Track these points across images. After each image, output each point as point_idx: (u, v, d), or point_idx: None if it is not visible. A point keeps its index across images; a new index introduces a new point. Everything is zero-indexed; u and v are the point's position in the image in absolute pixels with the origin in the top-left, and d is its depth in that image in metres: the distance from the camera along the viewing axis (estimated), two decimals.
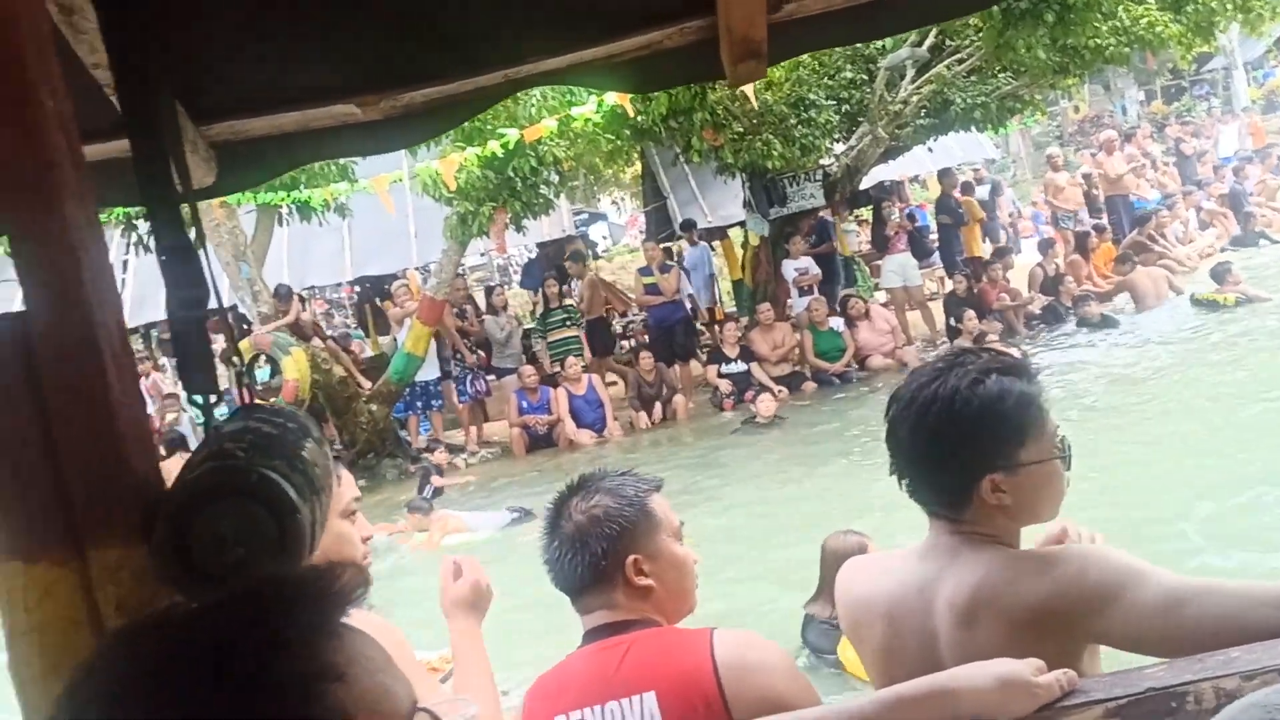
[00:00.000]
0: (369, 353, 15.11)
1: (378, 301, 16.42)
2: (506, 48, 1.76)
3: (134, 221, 10.71)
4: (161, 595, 1.19)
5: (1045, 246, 14.82)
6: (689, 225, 14.95)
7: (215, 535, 1.14)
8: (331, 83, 1.77)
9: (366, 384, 12.57)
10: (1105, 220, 15.80)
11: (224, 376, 1.91)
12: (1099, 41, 11.36)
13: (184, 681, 0.82)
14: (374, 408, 12.06)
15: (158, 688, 0.82)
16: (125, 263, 14.82)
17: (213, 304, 1.37)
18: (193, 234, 1.33)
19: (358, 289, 17.55)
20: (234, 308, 11.75)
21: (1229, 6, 12.04)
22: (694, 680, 1.71)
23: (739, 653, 1.73)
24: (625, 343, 14.73)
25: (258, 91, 1.78)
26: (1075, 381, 9.71)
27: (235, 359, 1.33)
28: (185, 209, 1.36)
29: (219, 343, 4.95)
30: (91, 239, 1.20)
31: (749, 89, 9.72)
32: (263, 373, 11.54)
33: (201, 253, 1.32)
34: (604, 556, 1.82)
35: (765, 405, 10.57)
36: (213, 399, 1.25)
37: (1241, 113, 25.16)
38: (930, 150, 15.59)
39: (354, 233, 16.03)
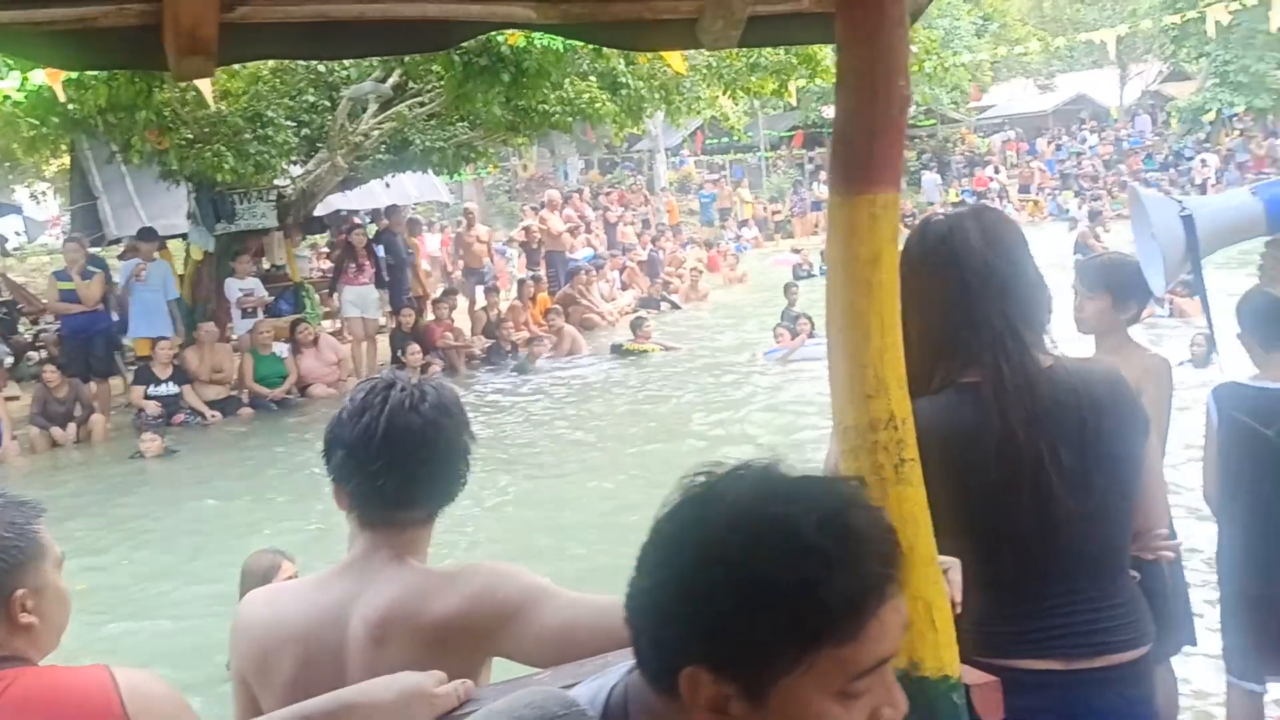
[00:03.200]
0: None
1: None
2: None
3: None
4: None
5: (490, 292, 15.67)
6: (149, 235, 12.62)
7: None
8: None
9: None
10: (544, 272, 17.06)
11: None
12: (546, 107, 12.29)
13: None
14: None
15: None
16: None
17: None
18: None
19: None
20: None
21: (655, 96, 13.74)
22: None
23: (147, 695, 1.64)
24: (35, 354, 13.04)
25: None
26: (502, 421, 10.39)
27: None
28: None
29: None
30: None
31: (207, 91, 9.14)
32: None
33: None
34: None
35: (149, 445, 9.88)
36: None
37: (660, 191, 28.66)
38: (388, 186, 15.78)
39: None
